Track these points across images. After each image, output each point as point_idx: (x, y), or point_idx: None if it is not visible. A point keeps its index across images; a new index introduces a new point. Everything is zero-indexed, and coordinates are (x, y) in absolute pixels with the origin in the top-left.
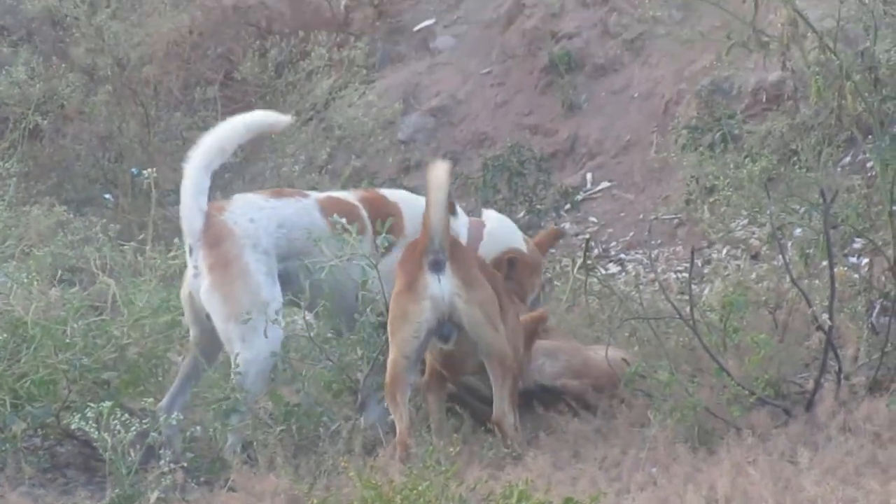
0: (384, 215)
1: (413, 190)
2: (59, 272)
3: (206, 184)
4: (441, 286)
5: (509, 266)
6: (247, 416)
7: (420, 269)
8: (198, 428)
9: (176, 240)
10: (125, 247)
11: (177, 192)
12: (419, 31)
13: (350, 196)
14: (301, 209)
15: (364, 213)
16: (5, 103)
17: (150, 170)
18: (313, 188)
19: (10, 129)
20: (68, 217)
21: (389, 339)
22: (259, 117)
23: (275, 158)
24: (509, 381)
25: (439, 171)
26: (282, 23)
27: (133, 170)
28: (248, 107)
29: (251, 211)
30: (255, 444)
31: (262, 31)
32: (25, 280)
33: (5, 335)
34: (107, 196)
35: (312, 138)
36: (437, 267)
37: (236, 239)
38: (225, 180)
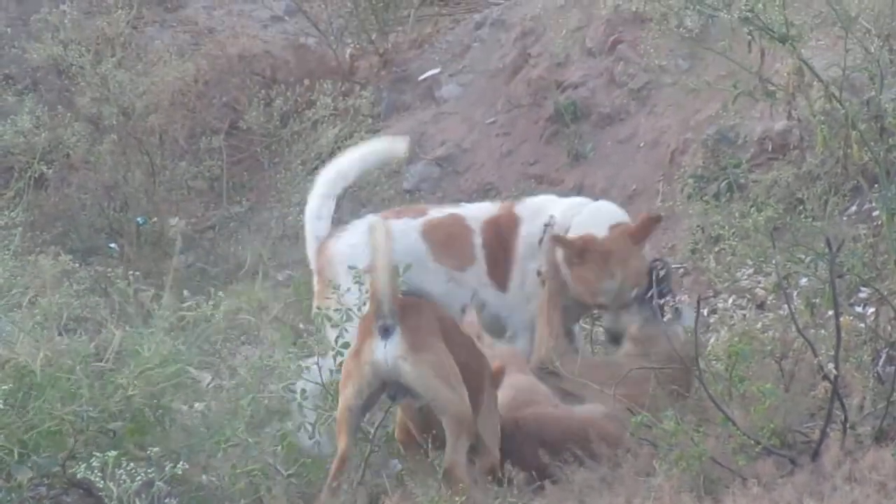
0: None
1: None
2: (65, 321)
3: (327, 211)
4: (386, 351)
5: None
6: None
7: (370, 334)
8: (204, 477)
9: (185, 291)
10: (143, 291)
11: (184, 241)
12: (425, 80)
13: (477, 214)
14: (403, 231)
15: (478, 239)
16: (10, 152)
17: (176, 219)
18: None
19: (16, 179)
20: (74, 266)
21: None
22: (380, 144)
23: (280, 208)
24: (464, 439)
25: (380, 234)
26: (287, 72)
27: (138, 219)
28: (253, 156)
29: (357, 235)
30: (261, 492)
31: (268, 81)
32: (31, 328)
33: (12, 384)
34: (112, 245)
35: None
36: (385, 332)
37: (334, 264)
38: (230, 229)
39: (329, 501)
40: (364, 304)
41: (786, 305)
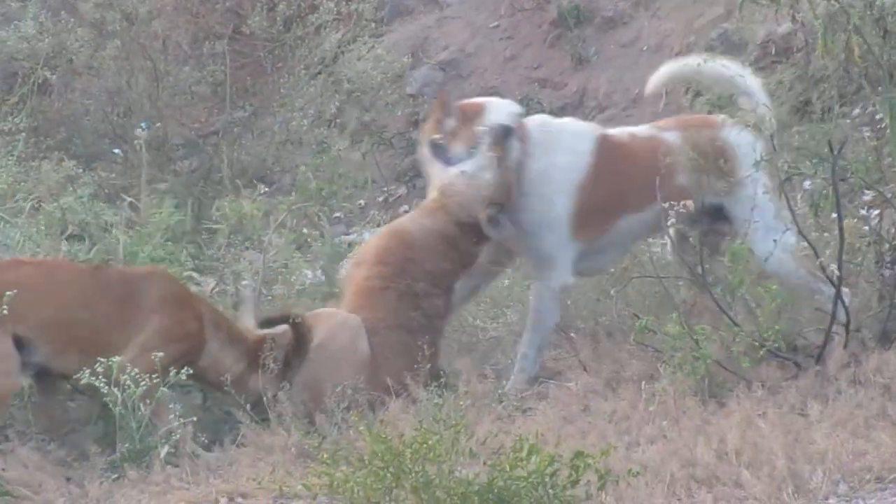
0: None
1: None
2: (69, 228)
3: None
4: None
5: None
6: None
7: None
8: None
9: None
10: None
11: (186, 146)
12: None
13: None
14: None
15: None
16: (14, 58)
17: (140, 127)
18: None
19: (19, 85)
20: (77, 172)
21: None
22: None
23: (283, 113)
24: None
25: None
26: None
27: (141, 124)
28: (257, 61)
29: None
30: (265, 399)
31: None
32: (35, 235)
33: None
34: (116, 151)
35: (321, 92)
36: None
37: None
38: (234, 134)
39: None
40: None
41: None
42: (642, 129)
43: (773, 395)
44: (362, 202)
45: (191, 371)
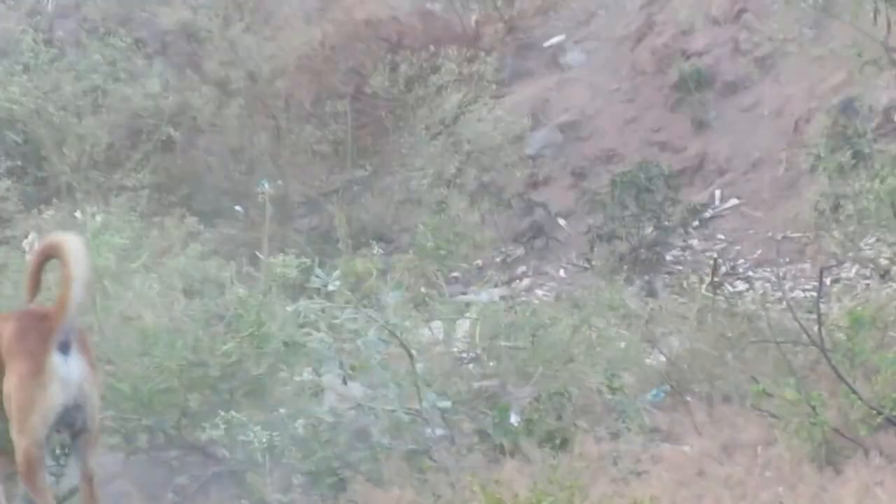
0: None
1: None
2: (188, 283)
3: None
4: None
5: None
6: None
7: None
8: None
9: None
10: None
11: (306, 204)
12: (549, 46)
13: None
14: None
15: None
16: (139, 115)
17: (264, 186)
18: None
19: (144, 141)
20: (199, 228)
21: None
22: None
23: (403, 172)
24: None
25: (79, 245)
26: (413, 37)
27: (263, 182)
28: (378, 121)
29: None
30: (378, 455)
31: (393, 46)
32: (156, 290)
33: (134, 343)
34: (237, 208)
35: (441, 152)
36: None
37: None
38: (354, 192)
39: None
40: None
41: None
42: None
43: (891, 464)
44: (480, 262)
45: None
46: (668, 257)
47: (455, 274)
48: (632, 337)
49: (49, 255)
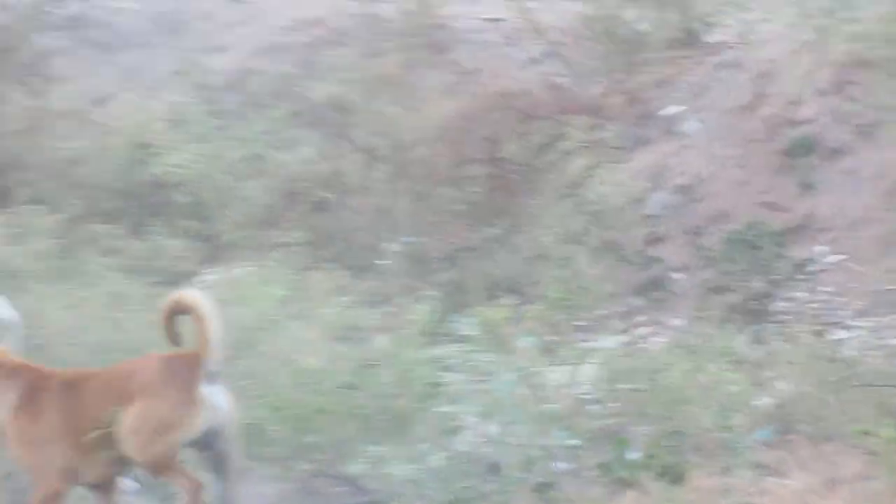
0: None
1: None
2: (339, 330)
3: None
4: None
5: None
6: None
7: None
8: None
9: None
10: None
11: (444, 259)
12: (667, 116)
13: None
14: None
15: None
16: (295, 179)
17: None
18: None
19: (299, 202)
20: (348, 281)
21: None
22: None
23: (533, 230)
24: None
25: (200, 296)
26: (542, 108)
27: (404, 238)
28: (510, 184)
29: None
30: (510, 487)
31: (525, 116)
32: (309, 336)
33: (292, 386)
34: (382, 262)
35: (567, 212)
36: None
37: None
38: (488, 249)
39: None
40: None
41: None
42: None
43: None
44: (603, 312)
45: None
46: (776, 308)
47: (580, 323)
48: (742, 380)
49: (176, 310)
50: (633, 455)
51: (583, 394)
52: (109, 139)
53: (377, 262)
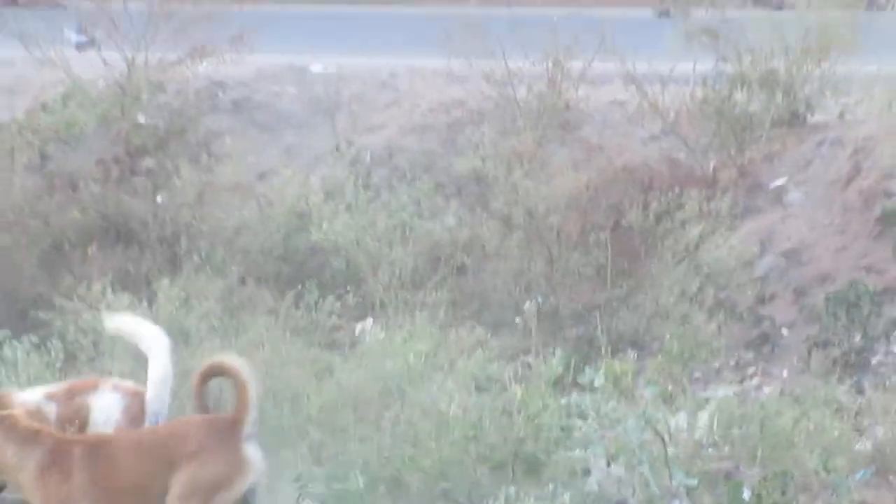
0: None
1: None
2: (479, 382)
3: None
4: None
5: None
6: None
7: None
8: None
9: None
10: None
11: (573, 317)
12: (774, 188)
13: None
14: None
15: None
16: (438, 245)
17: (539, 302)
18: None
19: (442, 266)
20: (486, 337)
21: None
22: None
23: (653, 290)
24: None
25: (237, 359)
26: (661, 180)
27: (538, 298)
28: (632, 248)
29: None
30: None
31: (645, 187)
32: (451, 387)
33: (432, 427)
34: (517, 320)
35: (684, 274)
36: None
37: None
38: (613, 308)
39: None
40: None
41: None
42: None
43: None
44: (717, 365)
45: None
46: (874, 361)
47: (696, 374)
48: (843, 427)
49: (212, 374)
50: (746, 495)
51: (699, 439)
52: (271, 210)
53: (513, 319)
